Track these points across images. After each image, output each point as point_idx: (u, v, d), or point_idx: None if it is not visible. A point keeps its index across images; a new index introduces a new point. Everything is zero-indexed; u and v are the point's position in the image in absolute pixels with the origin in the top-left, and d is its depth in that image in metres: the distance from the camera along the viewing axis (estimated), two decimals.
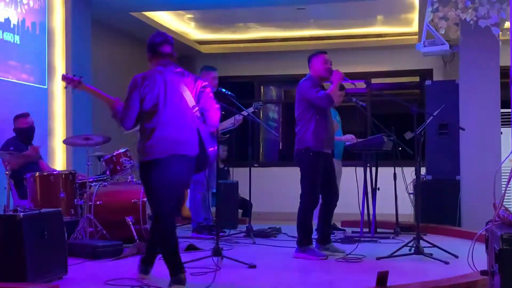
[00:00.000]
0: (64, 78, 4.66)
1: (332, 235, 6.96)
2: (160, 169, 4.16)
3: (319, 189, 5.69)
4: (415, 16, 9.53)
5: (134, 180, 6.49)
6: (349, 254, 5.62)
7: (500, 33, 6.96)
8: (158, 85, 4.27)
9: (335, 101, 5.76)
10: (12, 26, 7.06)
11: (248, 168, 7.10)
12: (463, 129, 6.74)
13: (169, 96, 4.27)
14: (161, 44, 4.48)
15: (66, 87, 4.71)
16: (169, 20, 10.17)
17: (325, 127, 5.72)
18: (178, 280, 4.20)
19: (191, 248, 6.00)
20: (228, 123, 7.20)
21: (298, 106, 5.80)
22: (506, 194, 3.48)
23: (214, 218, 6.78)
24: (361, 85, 6.21)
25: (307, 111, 5.71)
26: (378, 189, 7.23)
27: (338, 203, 5.95)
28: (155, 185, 4.21)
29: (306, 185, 5.67)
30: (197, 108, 4.38)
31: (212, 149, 4.44)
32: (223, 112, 6.76)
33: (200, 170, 4.56)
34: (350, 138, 7.37)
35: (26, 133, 6.45)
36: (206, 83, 4.65)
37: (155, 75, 4.32)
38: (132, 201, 6.16)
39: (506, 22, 6.83)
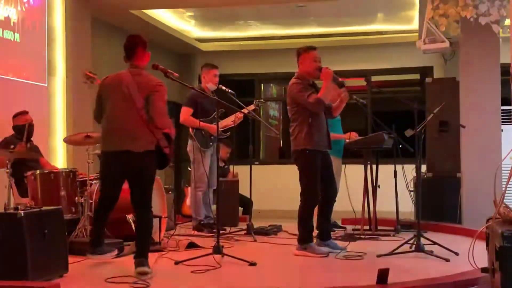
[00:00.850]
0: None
1: (332, 233, 6.98)
2: None
3: (319, 186, 5.69)
4: (415, 13, 9.52)
5: None
6: (340, 252, 5.61)
7: (501, 30, 6.96)
8: None
9: (328, 101, 5.74)
10: (12, 24, 7.06)
11: (248, 166, 7.10)
12: (464, 127, 6.74)
13: None
14: None
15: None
16: (169, 18, 10.16)
17: (319, 128, 5.71)
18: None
19: (192, 245, 6.00)
20: (229, 120, 7.20)
21: (291, 107, 5.77)
22: (506, 192, 3.48)
23: (215, 216, 6.78)
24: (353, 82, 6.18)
25: (300, 113, 5.68)
26: (379, 186, 7.23)
27: (338, 201, 5.95)
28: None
29: (306, 183, 5.66)
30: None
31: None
32: (223, 110, 6.77)
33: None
34: (352, 136, 7.32)
35: (24, 131, 6.43)
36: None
37: None
38: None
39: (507, 19, 6.82)
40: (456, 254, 5.41)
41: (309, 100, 5.59)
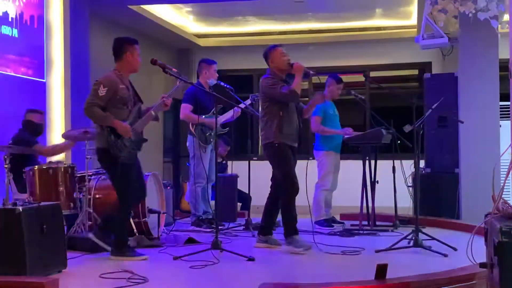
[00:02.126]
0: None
1: (331, 228, 6.99)
2: None
3: (294, 173, 5.68)
4: (414, 9, 9.51)
5: None
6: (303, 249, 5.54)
7: (499, 25, 6.95)
8: None
9: (299, 94, 5.72)
10: (10, 19, 7.04)
11: (247, 161, 7.09)
12: (462, 122, 6.75)
13: None
14: None
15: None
16: (167, 13, 10.14)
17: (290, 122, 5.72)
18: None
19: (190, 241, 6.01)
20: (228, 115, 7.20)
21: (263, 102, 5.83)
22: (505, 187, 3.48)
23: (213, 212, 6.79)
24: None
25: (271, 107, 5.71)
26: (377, 182, 7.23)
27: (337, 196, 5.94)
28: None
29: (282, 174, 5.69)
30: None
31: None
32: (221, 105, 6.76)
33: None
34: (348, 132, 7.34)
35: (35, 128, 6.45)
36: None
37: None
38: None
39: (505, 14, 6.82)
40: (455, 249, 5.43)
41: (282, 91, 5.63)
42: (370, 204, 7.16)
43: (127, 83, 5.32)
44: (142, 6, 9.36)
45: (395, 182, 7.15)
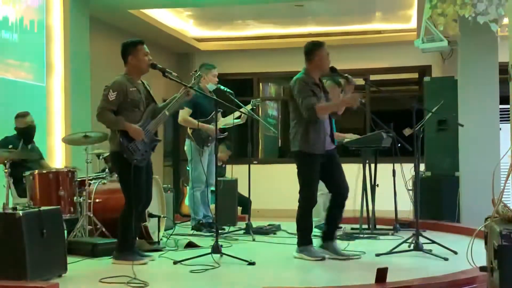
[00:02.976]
0: None
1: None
2: None
3: (316, 189, 5.47)
4: (413, 12, 9.53)
5: None
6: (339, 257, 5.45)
7: (499, 29, 6.96)
8: None
9: (324, 116, 5.39)
10: (10, 24, 7.05)
11: (247, 165, 7.10)
12: (462, 125, 6.74)
13: None
14: None
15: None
16: (167, 17, 10.16)
17: (317, 131, 5.38)
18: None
19: (190, 245, 6.00)
20: (228, 119, 7.21)
21: (291, 103, 5.50)
22: (505, 190, 3.48)
23: (214, 215, 6.78)
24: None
25: (299, 111, 5.39)
26: (377, 185, 7.23)
27: None
28: None
29: (301, 185, 5.46)
30: None
31: None
32: (221, 110, 6.76)
33: None
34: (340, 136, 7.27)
35: (25, 133, 6.45)
36: None
37: None
38: None
39: (505, 18, 6.82)
40: (455, 253, 5.42)
41: (305, 102, 5.27)
42: (370, 208, 7.15)
43: (138, 85, 5.33)
44: (142, 10, 9.37)
45: (395, 186, 7.14)
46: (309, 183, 5.44)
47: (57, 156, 7.69)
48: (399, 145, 7.11)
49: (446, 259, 5.23)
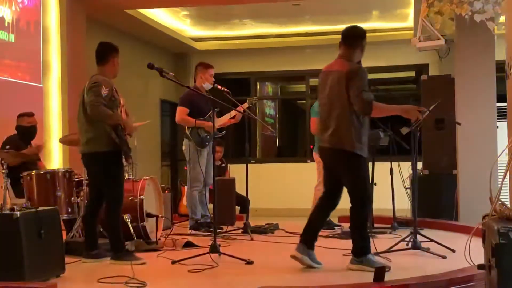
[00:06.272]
0: None
1: (330, 231, 6.98)
2: None
3: (368, 186, 4.90)
4: (410, 11, 9.54)
5: (131, 177, 6.48)
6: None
7: (495, 27, 6.97)
8: None
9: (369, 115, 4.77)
10: (7, 24, 7.04)
11: (245, 165, 7.10)
12: (459, 124, 6.74)
13: None
14: None
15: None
16: (164, 17, 10.16)
17: (367, 129, 4.84)
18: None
19: (188, 245, 6.00)
20: (225, 119, 7.21)
21: (338, 95, 4.71)
22: (502, 188, 3.49)
23: (212, 215, 6.78)
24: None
25: (348, 105, 4.66)
26: (375, 184, 7.22)
27: None
28: None
29: (358, 189, 4.77)
30: None
31: None
32: (218, 109, 6.76)
33: None
34: None
35: (27, 132, 6.45)
36: None
37: None
38: (129, 198, 6.13)
39: (501, 16, 6.83)
40: (453, 251, 5.42)
41: (364, 97, 4.57)
42: None
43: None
44: (138, 10, 9.37)
45: (393, 184, 7.15)
46: (365, 185, 4.85)
47: (54, 157, 7.69)
48: (396, 143, 7.11)
49: (444, 257, 5.23)
